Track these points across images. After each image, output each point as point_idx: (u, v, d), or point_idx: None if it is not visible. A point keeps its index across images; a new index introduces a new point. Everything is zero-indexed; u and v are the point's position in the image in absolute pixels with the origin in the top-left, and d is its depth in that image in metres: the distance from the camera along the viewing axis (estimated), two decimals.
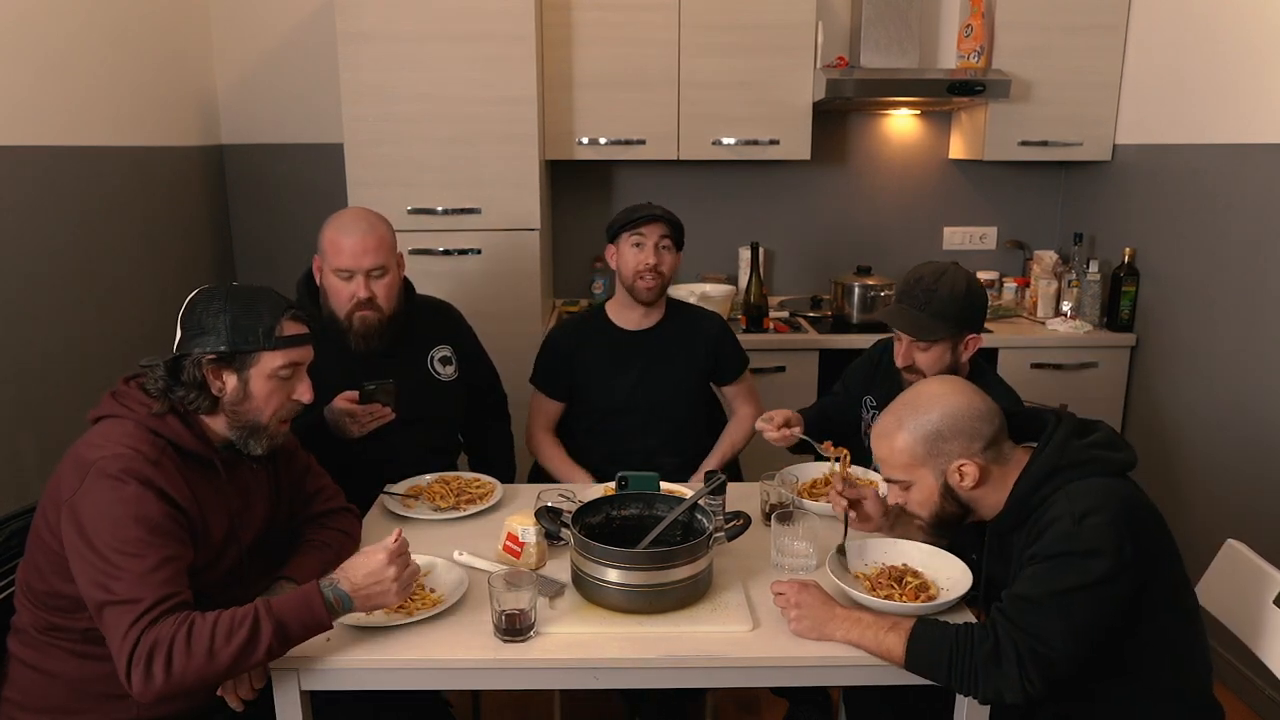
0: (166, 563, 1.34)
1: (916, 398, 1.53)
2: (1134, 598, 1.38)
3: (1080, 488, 1.40)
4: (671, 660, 1.40)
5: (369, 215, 2.06)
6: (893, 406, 1.56)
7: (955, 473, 1.48)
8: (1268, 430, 2.50)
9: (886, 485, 1.58)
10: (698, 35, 3.04)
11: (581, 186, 3.50)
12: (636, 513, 1.68)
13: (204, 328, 1.46)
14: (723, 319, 2.44)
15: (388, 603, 1.42)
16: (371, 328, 2.04)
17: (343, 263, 1.99)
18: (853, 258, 3.50)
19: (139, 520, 1.34)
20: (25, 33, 2.23)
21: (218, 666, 1.29)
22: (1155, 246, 3.00)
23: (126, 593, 1.30)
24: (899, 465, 1.52)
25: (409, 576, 1.43)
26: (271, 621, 1.32)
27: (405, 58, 2.77)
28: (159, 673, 1.27)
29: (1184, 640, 1.47)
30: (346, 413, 1.96)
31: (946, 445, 1.47)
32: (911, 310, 1.93)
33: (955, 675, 1.36)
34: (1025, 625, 1.34)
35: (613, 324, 2.34)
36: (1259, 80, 2.51)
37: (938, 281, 1.92)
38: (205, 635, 1.29)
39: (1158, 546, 1.42)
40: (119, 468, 1.36)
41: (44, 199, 2.30)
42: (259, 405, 1.50)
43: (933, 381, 1.59)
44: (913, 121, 3.52)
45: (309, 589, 1.37)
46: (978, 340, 1.97)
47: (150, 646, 1.27)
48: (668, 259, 2.24)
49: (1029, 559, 1.40)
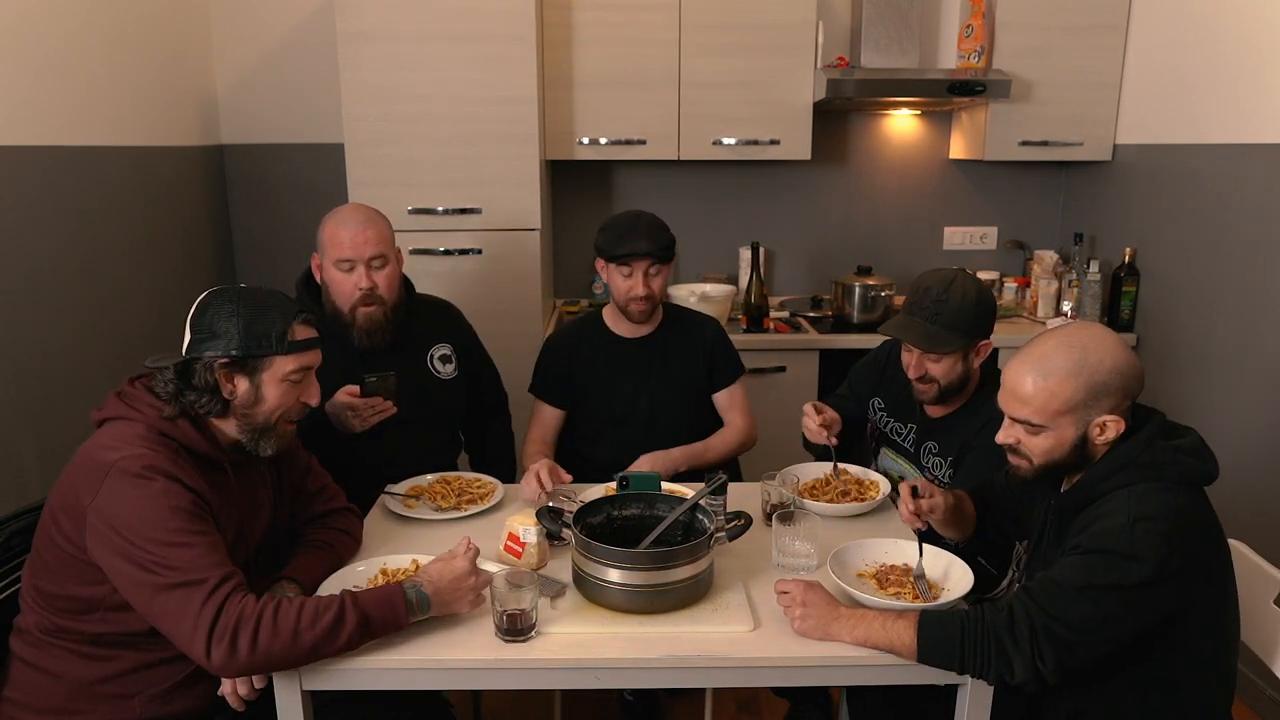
0: (215, 546, 1.37)
1: (1085, 341, 1.42)
2: (1170, 612, 1.36)
3: (1145, 491, 1.37)
4: (672, 660, 1.40)
5: (366, 208, 2.09)
6: (1050, 346, 1.43)
7: (1098, 426, 1.42)
8: (1267, 430, 2.50)
9: (1007, 428, 1.49)
10: (698, 35, 3.03)
11: (582, 186, 3.50)
12: (637, 513, 1.68)
13: (215, 331, 1.46)
14: (719, 325, 2.43)
15: (462, 608, 1.45)
16: (376, 323, 2.04)
17: (343, 253, 2.00)
18: (853, 258, 3.50)
19: (176, 511, 1.35)
20: (25, 33, 2.23)
21: (301, 648, 1.31)
22: (1155, 246, 3.00)
23: (189, 574, 1.31)
24: (1047, 410, 1.42)
25: (483, 584, 1.47)
26: (357, 612, 1.35)
27: (405, 58, 2.77)
28: (244, 646, 1.29)
29: (1212, 661, 1.45)
30: (348, 406, 1.95)
31: (1106, 399, 1.40)
32: (922, 323, 1.91)
33: (967, 650, 1.34)
34: (1047, 605, 1.33)
35: (610, 331, 2.32)
36: (1259, 80, 2.51)
37: (947, 291, 1.90)
38: (292, 616, 1.31)
39: (1209, 568, 1.40)
40: (142, 465, 1.37)
41: (44, 199, 2.30)
42: (270, 409, 1.51)
43: (1096, 327, 1.47)
44: (913, 121, 3.52)
45: (392, 588, 1.41)
46: (989, 345, 1.96)
47: (235, 620, 1.29)
48: (657, 283, 2.21)
49: (1071, 548, 1.38)
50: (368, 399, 1.96)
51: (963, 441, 1.96)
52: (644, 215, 2.22)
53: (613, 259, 2.18)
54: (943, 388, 1.95)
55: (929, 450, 2.05)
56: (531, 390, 2.37)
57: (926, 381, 1.95)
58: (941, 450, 2.02)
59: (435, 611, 1.42)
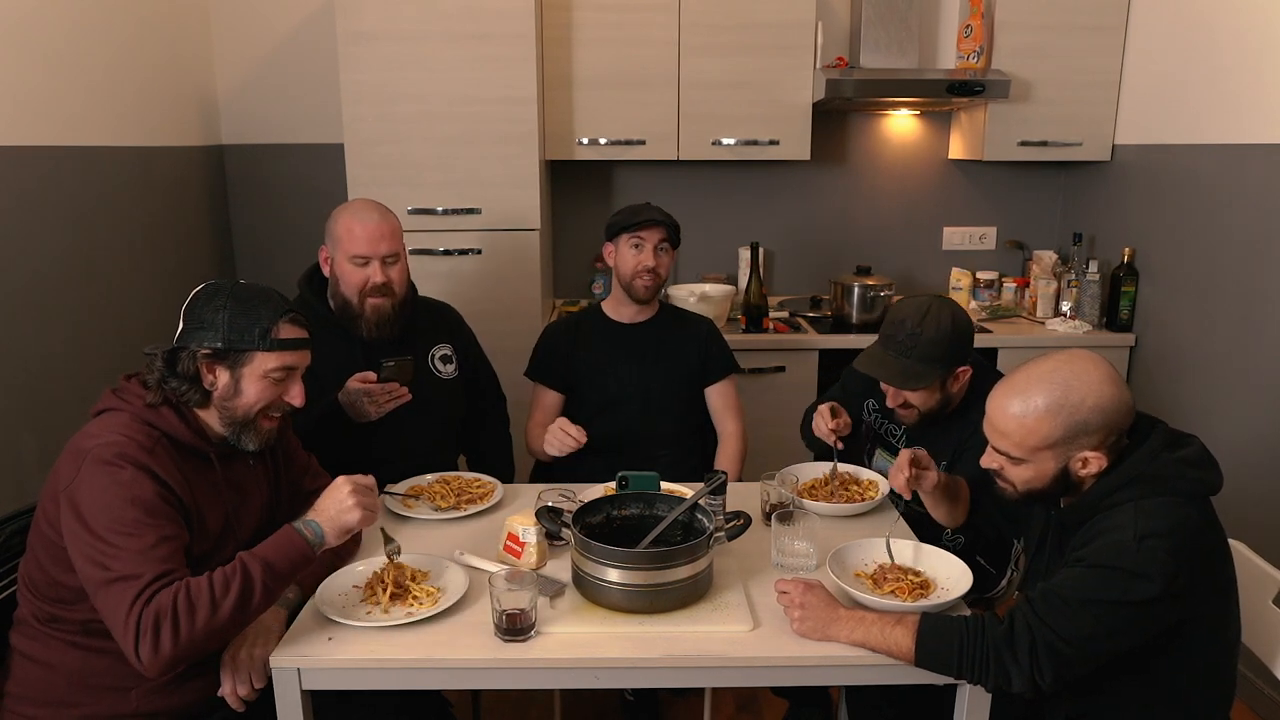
0: (164, 541, 1.36)
1: (1069, 378, 1.39)
2: (1174, 625, 1.35)
3: (1152, 506, 1.35)
4: (671, 660, 1.40)
5: (379, 204, 2.11)
6: (1033, 379, 1.42)
7: (1080, 461, 1.41)
8: (1266, 430, 2.51)
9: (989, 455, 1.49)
10: (698, 35, 3.04)
11: (581, 186, 3.50)
12: (637, 512, 1.68)
13: (203, 322, 1.48)
14: (713, 323, 2.48)
15: (352, 523, 1.45)
16: (384, 314, 2.06)
17: (358, 249, 2.02)
18: (853, 258, 3.50)
19: (134, 501, 1.36)
20: (26, 33, 2.23)
21: (222, 618, 1.32)
22: (1154, 246, 3.00)
23: (125, 569, 1.32)
24: (1025, 445, 1.42)
25: (370, 503, 1.47)
26: (259, 562, 1.36)
27: (405, 58, 2.78)
28: (167, 640, 1.29)
29: (1214, 666, 1.45)
30: (364, 393, 1.96)
31: (1086, 437, 1.39)
32: (896, 358, 1.89)
33: (965, 659, 1.34)
34: (1049, 619, 1.32)
35: (608, 318, 2.39)
36: (1258, 80, 2.51)
37: (921, 324, 1.87)
38: (204, 592, 1.32)
39: (1214, 581, 1.39)
40: (113, 453, 1.38)
41: (44, 199, 2.30)
42: (248, 403, 1.51)
43: (1084, 360, 1.43)
44: (912, 121, 3.52)
45: (284, 528, 1.43)
46: (968, 371, 1.94)
47: (155, 617, 1.29)
48: (665, 260, 2.30)
49: (1075, 560, 1.37)
50: (384, 384, 1.97)
51: (957, 442, 1.96)
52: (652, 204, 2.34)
53: (626, 228, 2.27)
54: (922, 414, 1.96)
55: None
56: (529, 374, 2.40)
57: (906, 408, 1.96)
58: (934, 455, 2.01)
59: (330, 534, 1.44)
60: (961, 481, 1.78)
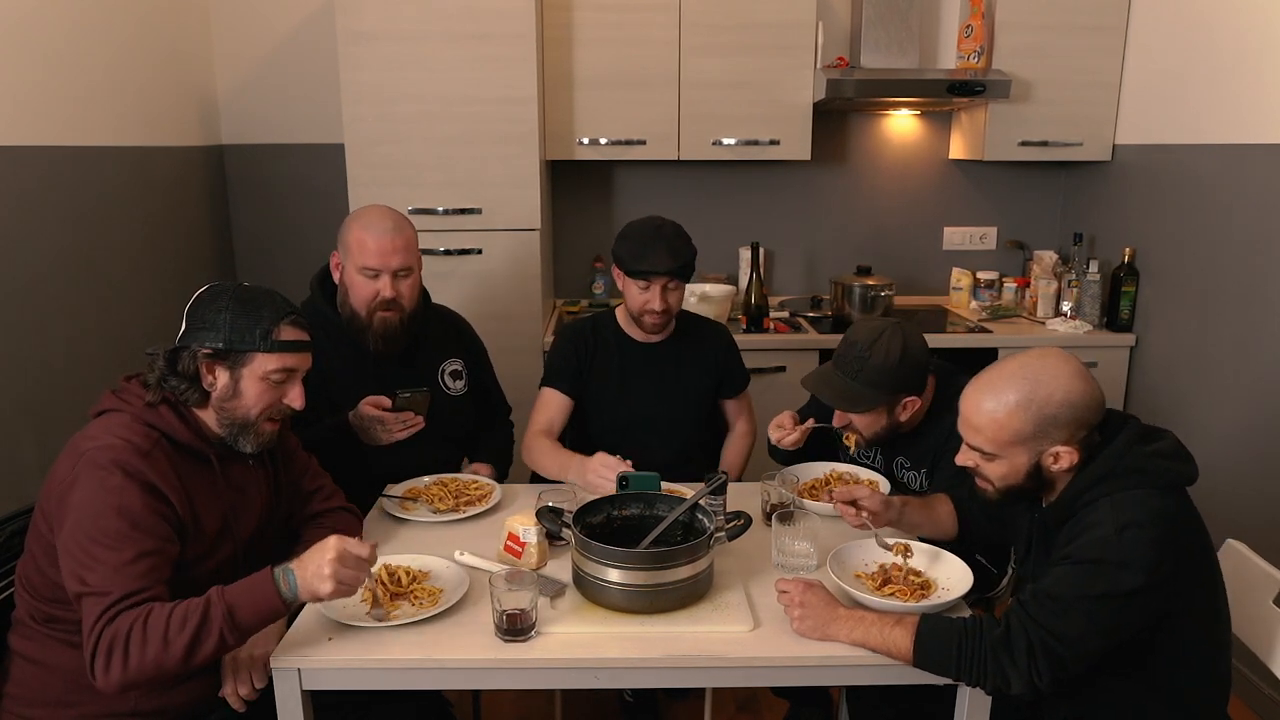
0: (142, 557, 1.35)
1: (1038, 373, 1.41)
2: (1161, 615, 1.36)
3: (1128, 498, 1.37)
4: (672, 660, 1.40)
5: (395, 214, 2.03)
6: (1004, 375, 1.44)
7: (1051, 456, 1.43)
8: (1267, 430, 2.51)
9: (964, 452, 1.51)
10: (698, 35, 3.04)
11: (582, 186, 3.50)
12: (637, 513, 1.68)
13: (205, 323, 1.48)
14: (729, 333, 2.41)
15: (322, 593, 1.33)
16: (392, 329, 2.01)
17: (369, 262, 1.96)
18: (853, 258, 3.50)
19: (120, 512, 1.35)
20: (26, 32, 2.23)
21: (173, 656, 1.29)
22: (1155, 246, 3.00)
23: (98, 584, 1.31)
24: (997, 440, 1.44)
25: (349, 577, 1.34)
26: (222, 606, 1.31)
27: (405, 58, 2.78)
28: (116, 666, 1.28)
29: (1206, 660, 1.45)
30: (377, 419, 1.94)
31: (1056, 431, 1.41)
32: (842, 378, 1.89)
33: (964, 663, 1.34)
34: (1043, 620, 1.33)
35: (624, 334, 2.28)
36: (1258, 81, 2.51)
37: (871, 348, 1.85)
38: (160, 625, 1.29)
39: (1196, 570, 1.40)
40: (108, 458, 1.38)
41: (44, 199, 2.30)
42: (247, 404, 1.51)
43: (1053, 357, 1.44)
44: (913, 122, 3.52)
45: (262, 573, 1.35)
46: (916, 402, 1.92)
47: (110, 640, 1.29)
48: (675, 297, 2.16)
49: (1061, 558, 1.39)
50: (398, 413, 1.95)
51: (935, 449, 1.95)
52: (666, 227, 2.15)
53: (631, 273, 2.13)
54: (867, 438, 1.96)
55: (901, 465, 2.04)
56: (546, 383, 2.28)
57: (852, 430, 1.97)
58: (914, 462, 2.01)
59: (302, 591, 1.34)
60: (935, 498, 1.77)
